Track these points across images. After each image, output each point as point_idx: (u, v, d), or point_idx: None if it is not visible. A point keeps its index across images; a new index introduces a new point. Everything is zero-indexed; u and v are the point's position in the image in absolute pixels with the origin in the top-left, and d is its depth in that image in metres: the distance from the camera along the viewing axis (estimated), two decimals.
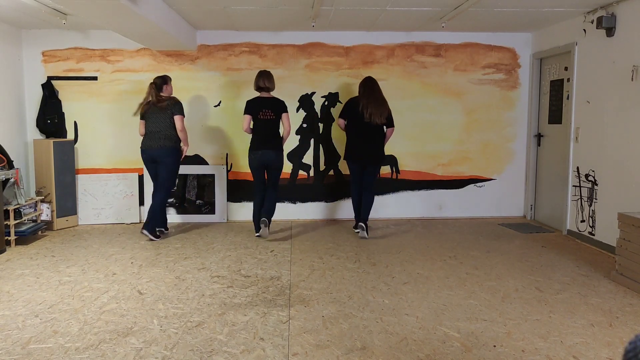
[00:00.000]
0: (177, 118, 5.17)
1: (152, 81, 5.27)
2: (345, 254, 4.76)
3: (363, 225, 5.34)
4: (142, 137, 5.27)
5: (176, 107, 5.19)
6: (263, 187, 5.29)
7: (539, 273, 4.21)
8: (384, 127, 5.36)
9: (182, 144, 5.29)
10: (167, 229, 5.52)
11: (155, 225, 5.25)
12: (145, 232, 5.18)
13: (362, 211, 5.42)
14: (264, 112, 5.14)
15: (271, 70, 6.13)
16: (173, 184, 5.41)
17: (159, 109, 5.16)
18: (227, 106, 6.20)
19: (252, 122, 5.19)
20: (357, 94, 5.42)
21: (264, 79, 5.19)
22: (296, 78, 6.21)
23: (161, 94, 5.23)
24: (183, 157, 5.39)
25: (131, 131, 6.13)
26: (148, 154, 5.20)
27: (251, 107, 5.18)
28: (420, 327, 3.13)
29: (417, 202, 6.41)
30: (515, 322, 3.22)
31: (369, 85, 5.33)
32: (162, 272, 4.22)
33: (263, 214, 5.20)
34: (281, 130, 5.28)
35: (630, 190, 4.53)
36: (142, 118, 5.26)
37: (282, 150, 5.26)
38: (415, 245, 5.13)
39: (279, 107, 5.19)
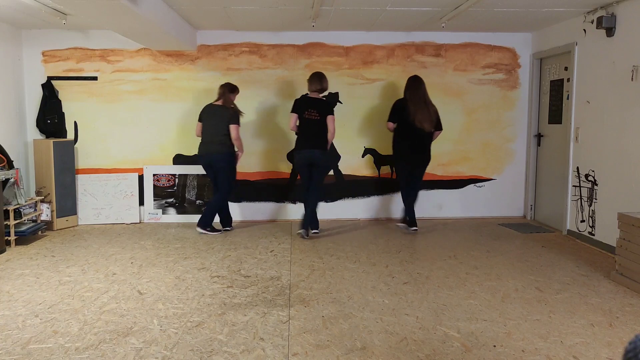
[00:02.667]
0: (232, 127, 5.29)
1: (224, 84, 5.41)
2: (345, 254, 4.76)
3: (408, 222, 5.65)
4: (199, 138, 5.44)
5: (234, 117, 5.31)
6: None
7: (539, 273, 4.21)
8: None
9: (237, 150, 5.43)
10: (231, 227, 5.75)
11: (208, 221, 5.46)
12: (198, 228, 5.49)
13: (411, 208, 5.63)
14: (309, 112, 5.18)
15: (271, 71, 6.17)
16: (231, 187, 5.49)
17: (217, 115, 5.30)
18: None
19: (298, 121, 5.25)
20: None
21: (311, 80, 5.24)
22: (296, 78, 6.21)
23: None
24: (238, 162, 5.51)
25: (131, 131, 6.14)
26: (205, 160, 5.37)
27: (297, 106, 5.23)
28: (420, 327, 3.13)
29: (417, 202, 6.41)
30: (515, 322, 3.22)
31: (415, 87, 5.36)
32: (162, 272, 4.22)
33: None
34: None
35: (630, 190, 4.53)
36: (200, 120, 5.41)
37: (326, 150, 5.28)
38: (415, 245, 5.13)
39: (325, 108, 5.21)
